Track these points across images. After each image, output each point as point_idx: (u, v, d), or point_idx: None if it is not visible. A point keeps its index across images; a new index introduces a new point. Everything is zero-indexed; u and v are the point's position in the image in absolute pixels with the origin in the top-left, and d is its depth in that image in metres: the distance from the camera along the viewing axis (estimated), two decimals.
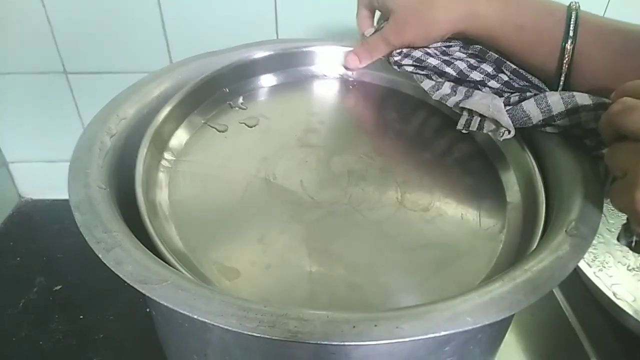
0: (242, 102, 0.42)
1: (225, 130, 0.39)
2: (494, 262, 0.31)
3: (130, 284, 0.24)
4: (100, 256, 0.25)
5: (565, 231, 0.28)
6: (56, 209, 0.72)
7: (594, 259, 0.42)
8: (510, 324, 0.37)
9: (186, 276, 0.26)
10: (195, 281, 0.25)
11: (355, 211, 0.33)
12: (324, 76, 0.46)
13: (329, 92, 0.45)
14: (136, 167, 0.32)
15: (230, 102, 0.42)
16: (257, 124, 0.40)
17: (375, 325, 0.22)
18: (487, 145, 0.39)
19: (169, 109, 0.37)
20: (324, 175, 0.36)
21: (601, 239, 0.44)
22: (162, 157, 0.36)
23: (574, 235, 0.28)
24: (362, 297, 0.29)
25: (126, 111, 0.37)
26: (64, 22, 0.59)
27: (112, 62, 0.62)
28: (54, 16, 0.58)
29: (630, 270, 0.41)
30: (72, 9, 0.58)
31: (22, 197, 0.75)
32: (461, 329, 0.23)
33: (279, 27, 0.59)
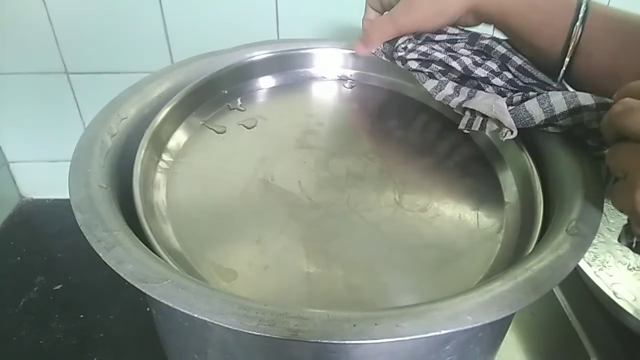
0: (240, 103, 0.42)
1: (223, 131, 0.39)
2: (492, 262, 0.31)
3: (130, 283, 0.24)
4: (100, 255, 0.25)
5: (565, 230, 0.28)
6: (57, 208, 0.73)
7: (595, 258, 0.42)
8: (510, 323, 0.37)
9: (187, 275, 0.26)
10: (195, 280, 0.25)
11: (353, 212, 0.33)
12: (322, 78, 0.46)
13: (327, 94, 0.45)
14: (134, 167, 0.32)
15: (228, 104, 0.42)
16: (255, 126, 0.40)
17: (375, 324, 0.22)
18: (485, 145, 0.39)
19: (167, 111, 0.37)
20: (322, 176, 0.36)
21: (601, 238, 0.44)
22: (161, 158, 0.36)
23: (575, 234, 0.28)
24: (361, 298, 0.28)
25: (127, 111, 0.37)
26: (66, 22, 0.59)
27: (114, 62, 0.62)
28: (56, 16, 0.58)
29: (630, 269, 0.41)
30: (73, 9, 0.58)
31: (23, 197, 0.75)
32: (462, 328, 0.23)
33: (280, 26, 0.60)
